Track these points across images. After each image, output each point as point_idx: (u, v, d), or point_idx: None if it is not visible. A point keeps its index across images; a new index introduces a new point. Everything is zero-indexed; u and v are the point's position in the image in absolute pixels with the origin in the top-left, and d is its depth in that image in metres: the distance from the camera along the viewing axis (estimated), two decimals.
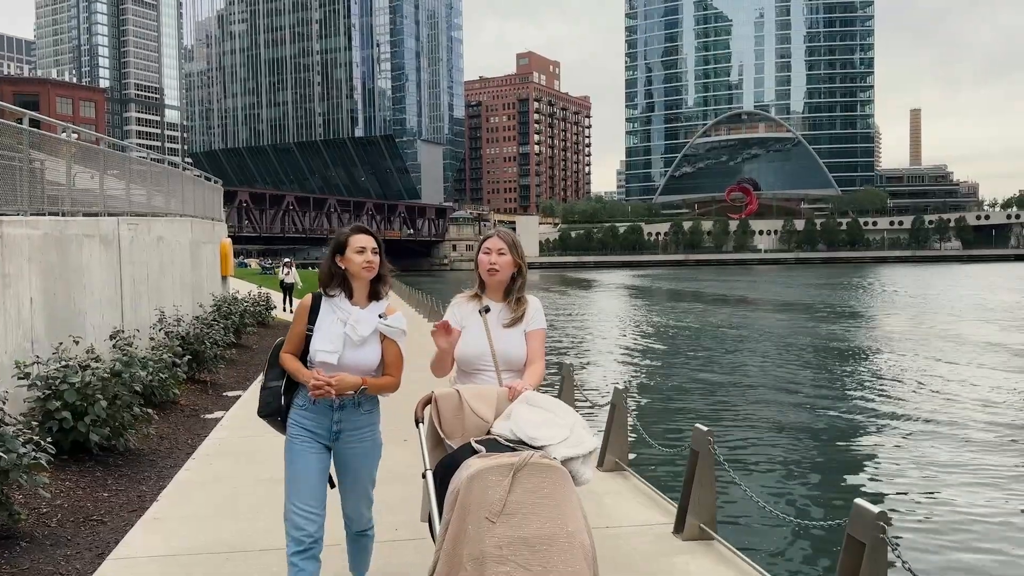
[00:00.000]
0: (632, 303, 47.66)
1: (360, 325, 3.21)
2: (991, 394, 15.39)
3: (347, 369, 3.18)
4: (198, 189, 18.45)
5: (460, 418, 2.91)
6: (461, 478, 2.55)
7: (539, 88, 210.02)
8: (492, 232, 3.36)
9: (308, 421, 3.22)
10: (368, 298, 3.30)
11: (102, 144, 11.64)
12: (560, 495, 2.54)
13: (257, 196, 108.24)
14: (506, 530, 2.43)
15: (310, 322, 3.24)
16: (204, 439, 7.47)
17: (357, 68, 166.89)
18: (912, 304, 42.20)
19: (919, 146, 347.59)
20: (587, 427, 2.86)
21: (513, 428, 2.76)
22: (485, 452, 2.66)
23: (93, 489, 5.65)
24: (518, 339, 3.23)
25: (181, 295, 13.97)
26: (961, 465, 10.31)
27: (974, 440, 11.64)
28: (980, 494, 8.97)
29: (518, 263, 3.28)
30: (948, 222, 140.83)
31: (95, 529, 4.92)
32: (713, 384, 17.12)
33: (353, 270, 3.23)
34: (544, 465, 2.57)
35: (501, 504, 2.46)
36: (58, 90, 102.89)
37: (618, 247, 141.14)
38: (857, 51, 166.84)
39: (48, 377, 6.20)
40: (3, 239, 6.94)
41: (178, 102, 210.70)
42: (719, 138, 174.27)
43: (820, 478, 9.94)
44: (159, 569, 4.30)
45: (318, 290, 3.33)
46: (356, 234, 3.27)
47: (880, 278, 74.21)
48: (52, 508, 5.12)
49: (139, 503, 5.48)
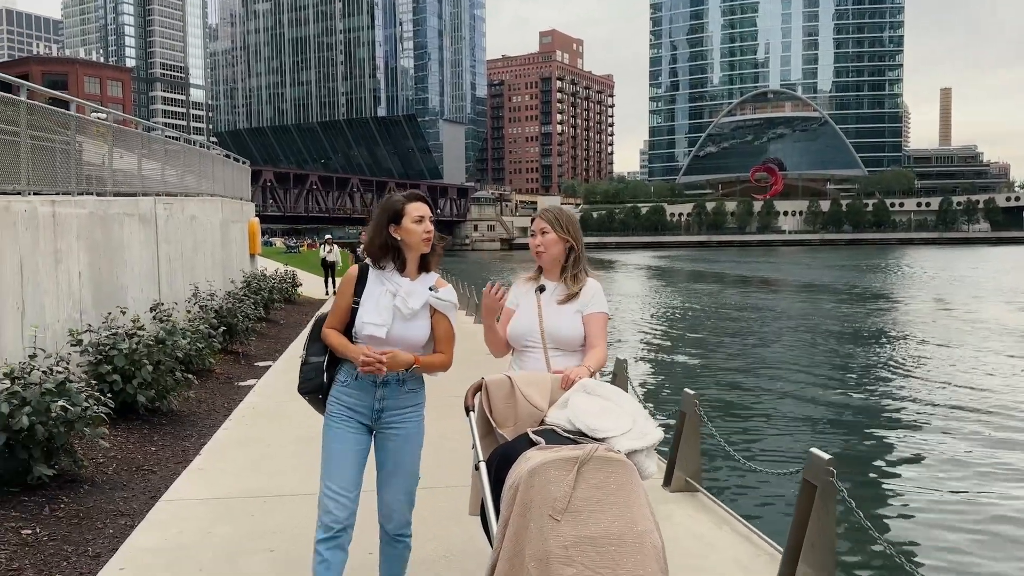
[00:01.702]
0: (652, 284, 47.92)
1: (411, 298, 3.02)
2: (987, 376, 15.59)
3: (396, 344, 2.99)
4: (227, 170, 19.08)
5: (512, 406, 2.81)
6: (521, 472, 2.42)
7: (562, 67, 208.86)
8: (536, 212, 3.29)
9: (350, 398, 3.05)
10: (418, 270, 3.12)
11: (139, 128, 12.24)
12: (628, 491, 2.42)
13: (281, 175, 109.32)
14: (571, 529, 2.32)
15: (356, 294, 3.06)
16: (239, 403, 8.07)
17: (380, 47, 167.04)
18: (933, 286, 42.08)
19: (949, 126, 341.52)
20: (649, 416, 2.74)
21: (571, 418, 2.63)
22: (544, 444, 2.52)
23: (142, 444, 6.26)
24: (570, 318, 3.13)
25: (213, 271, 14.61)
26: (932, 434, 10.97)
27: (945, 402, 12.48)
28: (939, 448, 9.80)
29: (566, 238, 3.18)
30: (977, 203, 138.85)
31: (146, 477, 5.53)
32: (718, 359, 17.57)
33: (412, 241, 3.04)
34: (610, 459, 2.44)
35: (566, 501, 2.34)
36: (86, 70, 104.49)
37: (640, 228, 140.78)
38: (887, 29, 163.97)
39: (99, 344, 6.80)
40: (55, 218, 7.53)
41: (203, 81, 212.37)
42: (744, 117, 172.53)
43: (792, 433, 10.84)
44: (205, 509, 4.89)
45: (364, 260, 3.16)
46: (414, 201, 3.06)
47: (905, 260, 73.69)
48: (108, 458, 5.73)
49: (183, 456, 6.08)
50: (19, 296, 6.65)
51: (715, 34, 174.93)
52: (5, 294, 6.41)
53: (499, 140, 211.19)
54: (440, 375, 3.14)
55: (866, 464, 9.62)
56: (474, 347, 13.62)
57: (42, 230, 7.24)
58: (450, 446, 5.63)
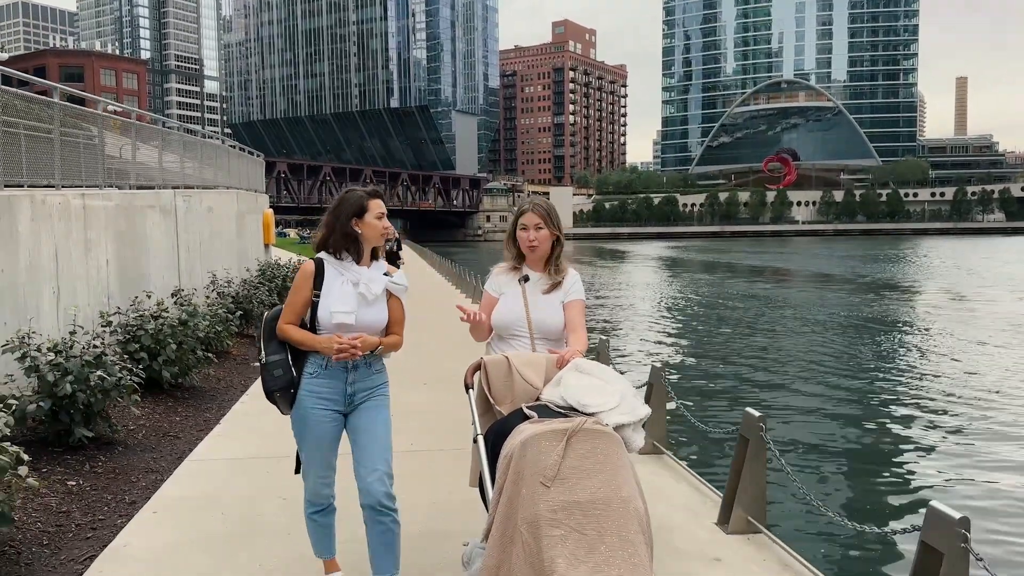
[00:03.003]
0: (664, 275, 48.35)
1: (373, 284, 3.21)
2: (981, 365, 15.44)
3: (362, 329, 3.16)
4: (242, 163, 19.75)
5: (509, 384, 2.98)
6: (514, 443, 2.59)
7: (574, 57, 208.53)
8: (527, 206, 3.35)
9: (322, 388, 3.18)
10: (370, 259, 3.32)
11: (159, 123, 12.90)
12: (614, 460, 2.57)
13: (295, 167, 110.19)
14: (560, 494, 2.47)
15: (316, 288, 3.19)
16: (255, 381, 8.70)
17: (392, 38, 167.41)
18: (945, 276, 42.30)
19: (965, 116, 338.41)
20: (637, 394, 2.91)
21: (563, 394, 2.80)
22: (537, 418, 2.70)
23: (167, 414, 6.91)
24: (554, 307, 3.26)
25: (229, 260, 15.28)
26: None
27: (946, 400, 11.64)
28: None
29: (555, 234, 3.31)
30: (991, 193, 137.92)
31: (173, 442, 6.18)
32: (745, 359, 17.11)
33: (372, 235, 3.26)
34: (598, 431, 2.60)
35: (555, 469, 2.50)
36: (101, 62, 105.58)
37: (652, 218, 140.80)
38: (901, 18, 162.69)
39: (128, 325, 7.45)
40: (86, 210, 8.18)
41: (217, 73, 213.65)
42: (758, 107, 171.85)
43: (877, 468, 9.34)
44: (225, 467, 5.54)
45: (317, 256, 3.28)
46: (376, 198, 3.28)
47: (919, 250, 73.62)
48: (138, 425, 6.39)
49: (205, 425, 6.73)
50: (55, 281, 7.30)
51: (729, 24, 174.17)
52: (43, 279, 7.06)
53: (511, 131, 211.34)
54: (394, 355, 3.39)
55: (970, 505, 7.89)
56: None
57: (74, 221, 7.88)
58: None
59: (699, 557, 3.95)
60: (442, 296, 19.57)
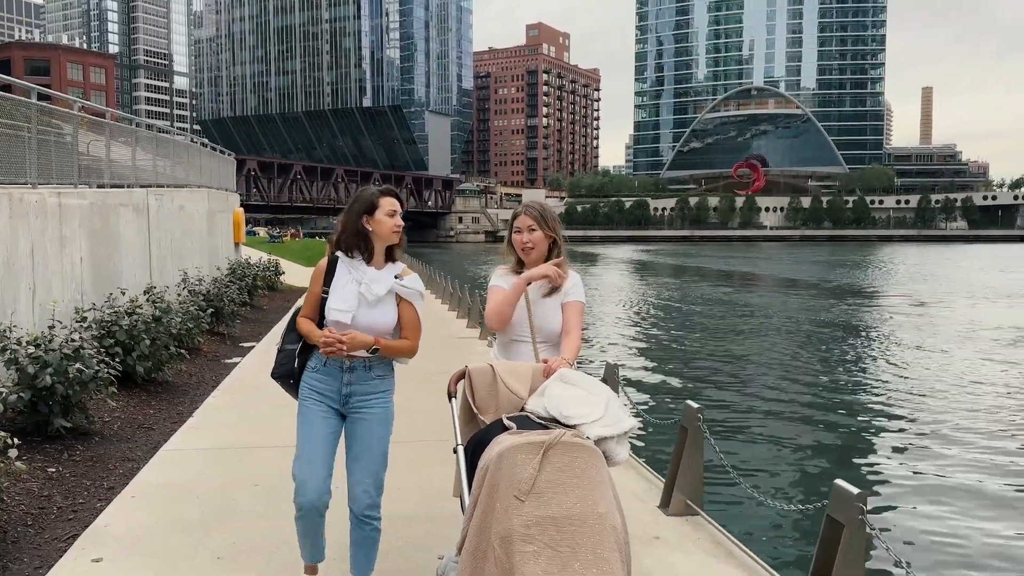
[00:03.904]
0: (632, 278, 48.98)
1: (375, 285, 3.20)
2: (985, 379, 15.39)
3: (362, 329, 3.15)
4: (213, 162, 19.84)
5: (494, 394, 2.92)
6: (491, 455, 2.55)
7: (548, 60, 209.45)
8: (520, 209, 3.35)
9: (319, 383, 3.24)
10: (384, 260, 3.30)
11: (132, 122, 13.03)
12: (591, 475, 2.51)
13: (265, 165, 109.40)
14: (534, 509, 2.41)
15: (326, 284, 3.23)
16: (226, 377, 8.94)
17: (366, 37, 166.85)
18: (908, 283, 43.40)
19: (930, 125, 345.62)
20: (622, 405, 2.85)
21: (547, 405, 2.75)
22: (516, 429, 2.64)
23: (141, 407, 7.14)
24: (555, 310, 3.24)
25: (200, 259, 15.41)
26: (950, 449, 10.39)
27: (965, 425, 11.69)
28: (967, 479, 9.13)
29: (551, 235, 3.29)
30: (955, 202, 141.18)
31: (147, 433, 6.42)
32: (705, 359, 17.94)
33: (383, 232, 3.23)
34: (576, 444, 2.54)
35: (530, 483, 2.44)
36: (68, 56, 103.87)
37: (624, 222, 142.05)
38: (869, 27, 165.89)
39: (103, 320, 7.65)
40: (61, 208, 8.35)
41: (187, 69, 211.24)
42: (728, 113, 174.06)
43: (806, 457, 9.99)
44: (200, 456, 5.80)
45: (335, 254, 3.30)
46: (387, 196, 3.27)
47: (883, 257, 75.29)
48: (113, 417, 6.62)
49: (178, 417, 6.97)
50: (31, 277, 7.48)
51: (700, 30, 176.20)
52: (20, 275, 7.24)
53: (485, 132, 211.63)
54: (408, 361, 3.34)
55: (878, 485, 8.95)
56: (453, 332, 14.54)
57: (50, 219, 8.06)
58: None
59: (641, 536, 4.29)
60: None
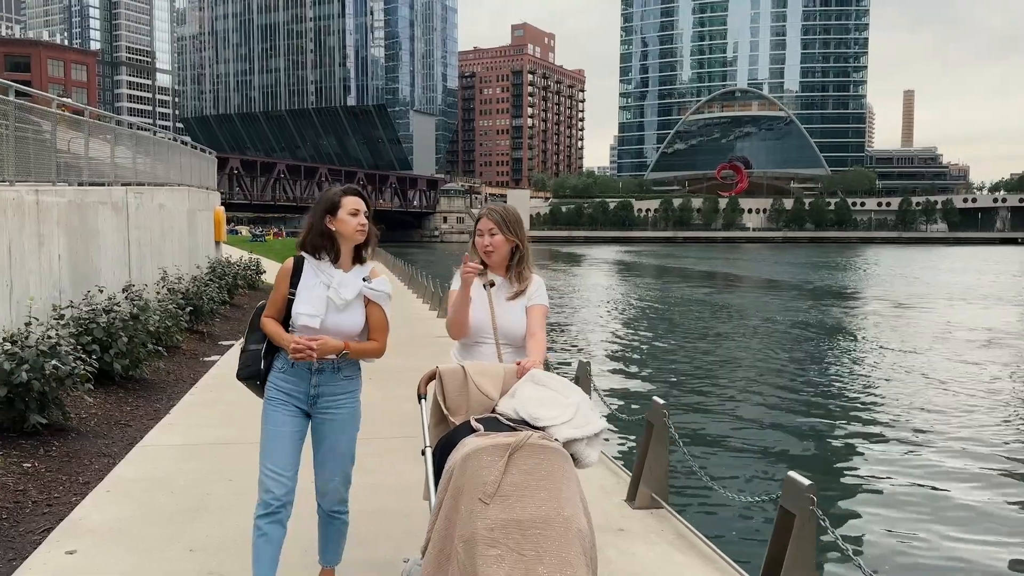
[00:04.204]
0: (615, 279, 49.20)
1: (344, 288, 3.16)
2: (953, 379, 15.50)
3: (330, 333, 3.12)
4: (194, 160, 19.80)
5: (464, 395, 2.88)
6: (456, 458, 2.52)
7: (534, 60, 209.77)
8: (483, 212, 3.32)
9: (287, 384, 3.20)
10: (352, 262, 3.25)
11: (112, 121, 13.02)
12: (558, 477, 2.48)
13: (248, 163, 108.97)
14: (499, 512, 2.39)
15: (292, 286, 3.18)
16: (204, 375, 8.99)
17: (350, 36, 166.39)
18: (888, 285, 43.92)
19: (911, 128, 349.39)
20: (593, 407, 2.82)
21: (516, 407, 2.73)
22: (483, 431, 2.61)
23: (119, 404, 7.18)
24: (519, 314, 3.24)
25: (179, 257, 15.40)
26: (908, 447, 10.62)
27: (925, 425, 11.91)
28: (921, 476, 9.38)
29: (512, 240, 3.26)
30: (935, 204, 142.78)
31: (124, 429, 6.47)
32: (680, 359, 18.12)
33: (346, 232, 3.17)
34: (542, 446, 2.51)
35: (495, 486, 2.41)
36: (49, 52, 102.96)
37: (608, 223, 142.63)
38: (852, 31, 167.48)
39: (80, 318, 7.68)
40: (39, 206, 8.36)
41: (170, 66, 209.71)
42: (712, 115, 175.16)
43: (770, 453, 10.25)
44: (176, 452, 5.86)
45: (299, 253, 3.26)
46: (349, 195, 3.21)
47: (864, 259, 76.05)
48: (90, 414, 6.66)
49: (155, 414, 7.02)
50: (8, 274, 7.49)
51: (685, 32, 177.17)
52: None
53: (470, 132, 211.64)
54: (375, 361, 3.33)
55: (831, 478, 9.25)
56: (432, 330, 14.59)
57: (27, 216, 8.07)
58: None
59: (606, 528, 4.40)
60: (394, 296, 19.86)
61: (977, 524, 7.80)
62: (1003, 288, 40.31)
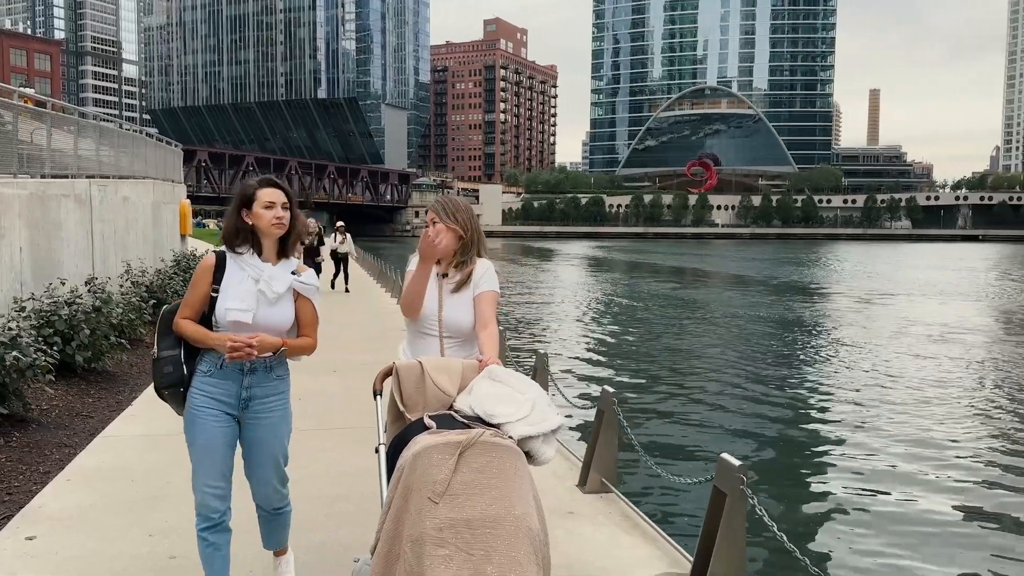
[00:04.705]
0: (587, 274, 49.53)
1: (275, 282, 3.05)
2: (901, 372, 15.94)
3: (262, 329, 3.00)
4: (160, 153, 19.65)
5: (422, 392, 2.81)
6: (407, 456, 2.47)
7: (506, 55, 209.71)
8: (431, 203, 3.28)
9: (215, 389, 3.02)
10: (277, 256, 3.13)
11: (77, 113, 12.92)
12: (509, 476, 2.44)
13: (216, 156, 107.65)
14: (448, 512, 2.35)
15: (215, 282, 3.03)
16: None
17: (321, 28, 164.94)
18: (851, 281, 44.75)
19: (877, 126, 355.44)
20: (551, 403, 2.78)
21: (472, 403, 2.68)
22: (435, 428, 2.56)
23: (80, 396, 7.21)
24: (465, 306, 3.14)
25: (144, 250, 15.32)
26: (851, 433, 11.06)
27: (869, 414, 12.25)
28: (858, 461, 9.80)
29: (453, 227, 3.14)
30: (899, 202, 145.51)
31: (86, 420, 6.51)
32: (641, 351, 18.58)
33: (261, 226, 3.05)
34: (494, 444, 2.47)
35: (445, 484, 2.37)
36: (12, 41, 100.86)
37: (580, 218, 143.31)
38: (820, 30, 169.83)
39: (42, 310, 7.68)
40: (0, 198, 8.33)
41: (136, 57, 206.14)
42: (682, 112, 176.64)
43: (717, 439, 10.55)
44: (137, 442, 5.93)
45: (220, 248, 3.13)
46: (264, 187, 3.07)
47: (829, 255, 77.33)
48: (51, 405, 6.69)
49: (117, 406, 7.07)
50: None
51: (656, 29, 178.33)
52: None
53: (442, 127, 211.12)
54: (305, 358, 3.22)
55: (765, 460, 9.74)
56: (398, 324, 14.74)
57: None
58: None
59: (557, 511, 4.59)
60: (361, 290, 19.92)
61: (905, 505, 8.20)
62: (960, 284, 41.32)
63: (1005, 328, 23.93)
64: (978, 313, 27.76)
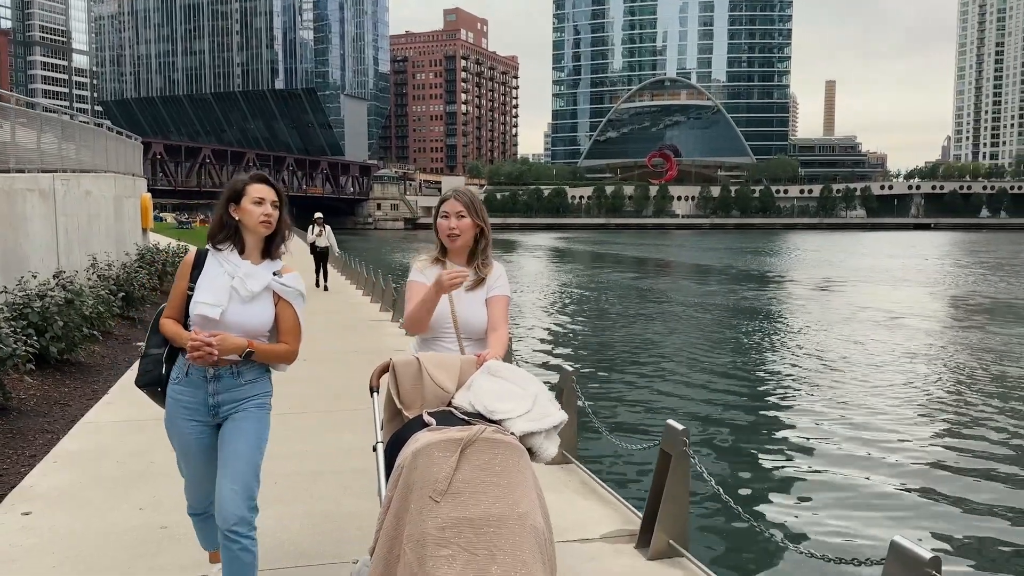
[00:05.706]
0: (550, 265, 50.03)
1: (250, 280, 2.92)
2: (846, 354, 16.59)
3: (232, 328, 2.87)
4: (119, 146, 19.56)
5: (419, 388, 2.77)
6: (406, 453, 2.41)
7: (466, 46, 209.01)
8: (450, 193, 3.16)
9: (183, 396, 2.95)
10: (261, 256, 3.03)
11: (39, 108, 12.90)
12: (512, 473, 2.38)
13: (172, 148, 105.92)
14: (450, 510, 2.29)
15: (192, 280, 2.95)
16: (138, 358, 9.18)
17: (278, 17, 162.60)
18: (810, 268, 45.90)
19: (833, 117, 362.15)
20: (552, 398, 2.74)
21: (472, 400, 2.63)
22: (435, 425, 2.51)
23: (56, 386, 7.40)
24: (479, 306, 3.08)
25: (107, 244, 15.33)
26: (794, 405, 11.82)
27: (813, 391, 12.90)
28: (797, 425, 10.58)
29: (479, 224, 3.13)
30: (854, 191, 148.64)
31: (64, 408, 6.72)
32: (602, 336, 19.17)
33: (248, 223, 2.96)
34: (496, 440, 2.41)
35: (446, 482, 2.31)
36: None
37: (542, 210, 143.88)
38: (776, 22, 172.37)
39: (14, 303, 7.83)
40: None
41: (87, 47, 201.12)
42: (643, 104, 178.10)
43: (670, 413, 10.82)
44: (118, 426, 6.17)
45: (204, 246, 3.05)
46: (255, 183, 2.99)
47: (786, 244, 79.04)
48: (29, 395, 6.88)
49: (93, 395, 7.27)
50: None
51: (616, 20, 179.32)
52: None
53: (403, 118, 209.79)
54: (287, 368, 3.09)
55: (707, 429, 10.42)
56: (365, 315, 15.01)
57: None
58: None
59: None
60: (335, 288, 20.06)
61: (842, 471, 8.82)
62: (911, 271, 42.73)
63: (951, 314, 24.95)
64: (927, 298, 28.87)
